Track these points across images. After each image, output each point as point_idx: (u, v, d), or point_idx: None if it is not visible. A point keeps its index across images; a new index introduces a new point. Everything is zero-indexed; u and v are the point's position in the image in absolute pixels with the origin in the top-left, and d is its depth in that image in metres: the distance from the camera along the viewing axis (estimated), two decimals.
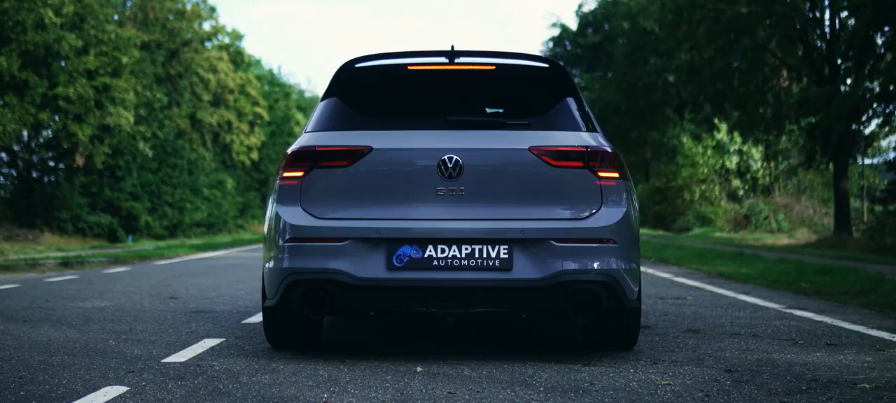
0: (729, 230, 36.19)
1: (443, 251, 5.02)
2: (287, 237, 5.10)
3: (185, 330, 6.48)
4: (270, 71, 69.09)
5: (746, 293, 9.82)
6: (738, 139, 39.43)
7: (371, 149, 5.19)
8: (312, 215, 5.13)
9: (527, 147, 5.19)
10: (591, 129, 5.43)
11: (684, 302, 8.85)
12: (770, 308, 8.27)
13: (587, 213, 5.13)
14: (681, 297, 9.33)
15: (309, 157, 5.24)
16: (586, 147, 5.22)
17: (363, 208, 5.12)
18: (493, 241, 5.01)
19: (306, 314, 5.25)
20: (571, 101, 5.57)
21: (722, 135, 40.60)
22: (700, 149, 41.22)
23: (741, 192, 40.45)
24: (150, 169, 39.34)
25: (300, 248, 5.07)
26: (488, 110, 5.80)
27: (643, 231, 41.79)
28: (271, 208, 5.32)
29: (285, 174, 5.26)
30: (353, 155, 5.19)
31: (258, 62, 66.22)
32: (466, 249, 5.01)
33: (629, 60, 49.39)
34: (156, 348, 5.62)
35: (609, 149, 5.27)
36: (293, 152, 5.30)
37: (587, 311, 5.16)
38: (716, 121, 42.08)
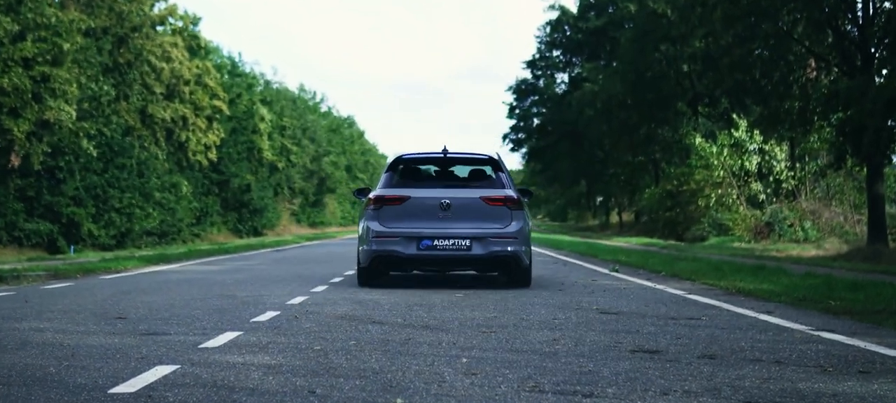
0: (749, 239, 36.25)
1: (441, 242, 12.60)
2: (372, 235, 12.72)
3: (134, 356, 6.46)
4: (231, 59, 68.73)
5: (769, 312, 9.86)
6: (758, 137, 39.44)
7: (409, 197, 12.88)
8: (384, 226, 12.76)
9: (479, 197, 12.84)
10: (509, 187, 13.08)
11: (699, 322, 8.87)
12: (795, 329, 8.30)
13: (504, 226, 12.74)
14: (695, 317, 9.36)
15: (381, 200, 12.90)
16: (506, 196, 12.88)
17: (406, 223, 12.73)
18: (463, 238, 12.59)
19: (382, 270, 13.17)
20: (502, 174, 13.37)
21: (740, 132, 40.57)
22: (715, 150, 41.22)
23: (762, 197, 40.47)
24: (95, 170, 39.17)
25: (379, 240, 12.70)
26: (462, 177, 13.85)
27: (652, 241, 41.85)
28: (364, 223, 12.99)
29: (371, 207, 12.89)
30: (401, 199, 12.87)
31: (217, 49, 65.85)
32: (452, 242, 12.61)
33: (636, 47, 49.45)
34: (101, 376, 5.61)
35: (516, 196, 12.87)
36: (375, 197, 12.91)
37: (504, 270, 13.19)
38: (734, 117, 42.17)
